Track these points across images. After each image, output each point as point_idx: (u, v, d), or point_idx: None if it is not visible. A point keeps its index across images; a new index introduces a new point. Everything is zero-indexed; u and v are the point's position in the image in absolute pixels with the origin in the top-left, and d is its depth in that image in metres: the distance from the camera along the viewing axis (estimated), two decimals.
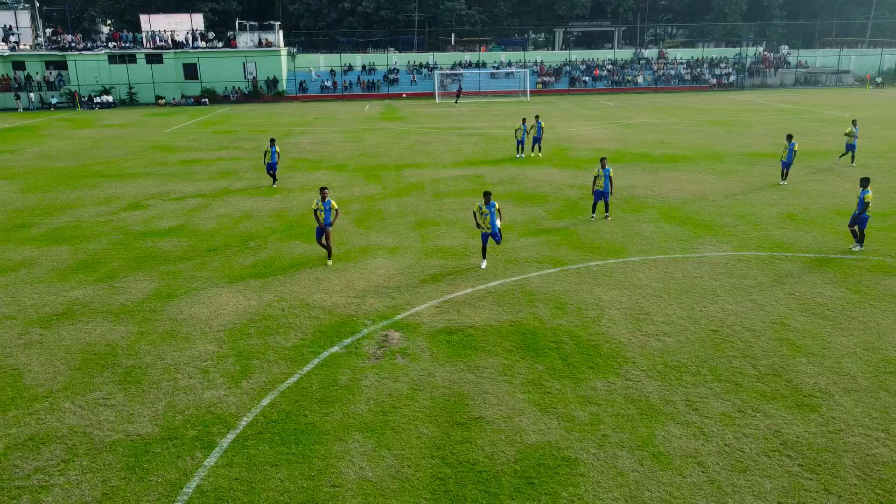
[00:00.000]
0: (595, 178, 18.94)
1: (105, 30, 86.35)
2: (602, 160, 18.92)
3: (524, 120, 30.45)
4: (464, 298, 13.60)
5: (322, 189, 15.59)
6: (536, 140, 30.55)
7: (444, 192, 23.50)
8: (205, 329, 12.38)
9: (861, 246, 16.31)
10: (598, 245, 16.99)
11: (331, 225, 15.61)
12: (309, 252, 16.90)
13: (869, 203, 15.86)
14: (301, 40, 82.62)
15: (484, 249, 15.39)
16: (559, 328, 12.11)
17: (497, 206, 15.03)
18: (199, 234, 18.81)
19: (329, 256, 15.98)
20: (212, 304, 13.60)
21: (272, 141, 25.05)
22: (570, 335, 11.82)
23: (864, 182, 16.18)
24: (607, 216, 19.25)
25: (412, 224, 19.37)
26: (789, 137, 23.38)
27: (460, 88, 62.13)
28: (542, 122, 31.15)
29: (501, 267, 15.47)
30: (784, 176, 23.73)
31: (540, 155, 30.49)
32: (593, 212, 19.41)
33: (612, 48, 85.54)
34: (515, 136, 30.41)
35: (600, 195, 19.00)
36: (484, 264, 15.40)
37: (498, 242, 15.41)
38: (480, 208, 14.96)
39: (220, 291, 14.29)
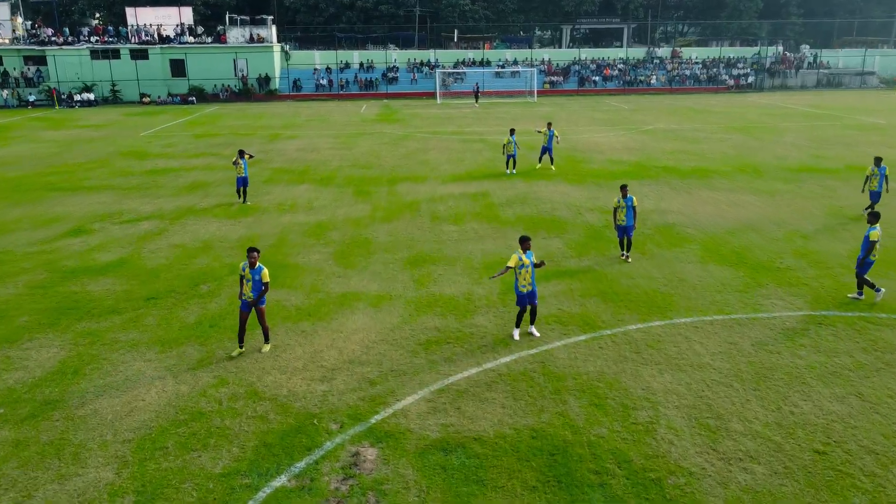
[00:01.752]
0: (616, 209, 15.35)
1: (94, 23, 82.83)
2: (623, 188, 15.34)
3: (513, 131, 26.50)
4: (466, 385, 10.13)
5: (251, 251, 10.92)
6: (547, 150, 26.92)
7: (442, 214, 20.02)
8: (106, 437, 8.92)
9: (860, 295, 13.21)
10: (635, 296, 13.50)
11: (262, 303, 10.97)
12: (272, 301, 13.42)
13: (876, 242, 12.67)
14: (297, 35, 79.10)
15: (520, 317, 11.74)
16: (599, 443, 8.64)
17: (533, 258, 11.58)
18: (141, 272, 15.33)
19: (266, 340, 11.43)
20: (128, 389, 10.13)
21: (241, 152, 21.57)
22: (615, 457, 8.34)
23: (874, 217, 13.01)
24: (627, 256, 15.66)
25: (403, 261, 15.89)
26: (878, 161, 18.77)
27: (477, 87, 58.20)
28: (556, 130, 27.33)
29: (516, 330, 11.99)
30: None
31: (552, 168, 26.89)
32: (622, 249, 15.86)
33: (621, 46, 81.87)
34: (504, 151, 26.26)
35: (624, 230, 15.48)
36: (517, 334, 11.75)
37: (534, 306, 11.72)
38: (521, 259, 11.39)
39: (144, 367, 10.82)
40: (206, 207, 21.38)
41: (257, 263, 10.88)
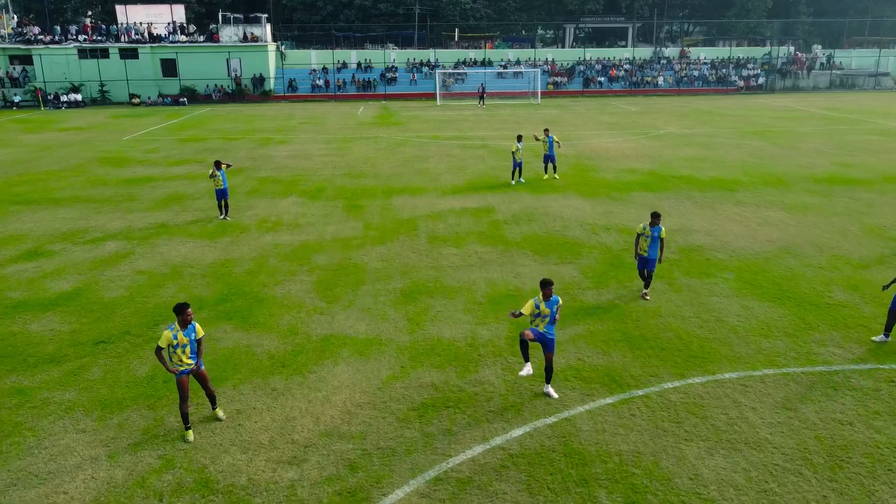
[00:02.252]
0: (639, 236, 13.19)
1: (87, 21, 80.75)
2: (655, 216, 13.03)
3: (520, 137, 24.08)
4: (470, 471, 8.15)
5: (183, 308, 8.55)
6: (549, 158, 24.88)
7: (442, 234, 18.02)
8: None
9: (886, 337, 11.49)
10: (667, 342, 11.51)
11: (202, 365, 8.86)
12: (242, 347, 11.48)
13: None
14: (294, 35, 77.09)
15: (526, 350, 9.67)
16: None
17: (560, 304, 9.66)
18: (95, 306, 13.34)
19: (214, 405, 9.24)
20: (50, 475, 8.15)
21: (218, 163, 19.57)
22: None
23: None
24: (646, 293, 13.46)
25: (397, 294, 13.90)
26: None
27: (483, 88, 56.07)
28: (555, 136, 25.21)
29: (528, 390, 10.02)
30: None
31: (556, 177, 24.94)
32: (645, 286, 13.66)
33: (625, 45, 79.85)
34: (514, 158, 23.95)
35: (645, 263, 13.32)
36: (528, 369, 9.66)
37: (549, 358, 9.68)
38: (537, 307, 9.48)
39: (76, 442, 8.84)
40: (181, 224, 19.37)
41: (191, 320, 8.66)
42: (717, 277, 14.63)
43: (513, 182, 24.38)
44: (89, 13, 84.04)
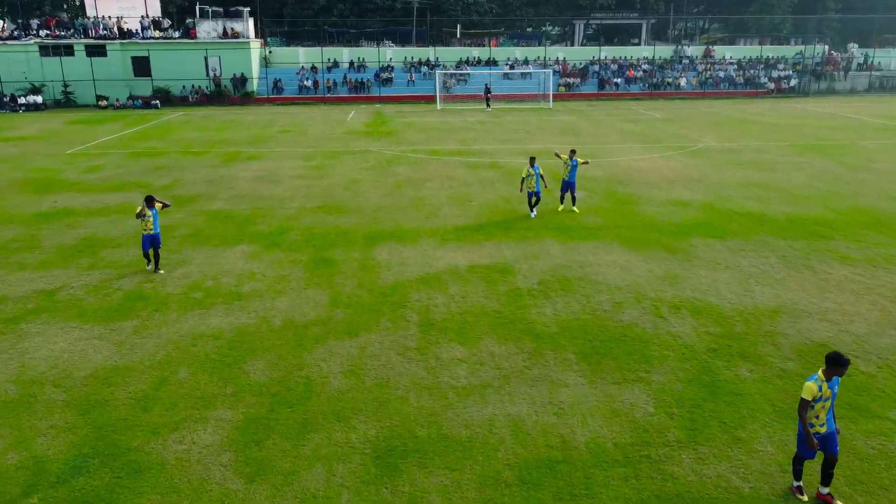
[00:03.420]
0: (806, 405, 7.16)
1: (65, 15, 75.09)
2: (837, 363, 7.04)
3: (533, 159, 19.04)
4: None
5: None
6: (569, 186, 19.63)
7: (441, 317, 12.54)
8: None
9: None
10: None
11: None
12: None
13: None
14: (283, 31, 71.52)
15: None
16: None
17: None
18: None
19: None
20: None
21: (150, 199, 14.42)
22: None
23: None
24: (832, 497, 7.51)
25: (367, 453, 8.43)
26: None
27: (488, 89, 51.10)
28: (580, 159, 19.88)
29: None
30: None
31: (574, 210, 19.71)
32: (798, 483, 7.62)
33: (638, 43, 74.24)
34: (524, 186, 19.11)
35: (826, 442, 7.34)
36: None
37: None
38: None
39: None
40: (77, 292, 13.88)
41: None
42: (880, 418, 9.14)
43: (532, 216, 19.18)
44: (65, 6, 78.49)
